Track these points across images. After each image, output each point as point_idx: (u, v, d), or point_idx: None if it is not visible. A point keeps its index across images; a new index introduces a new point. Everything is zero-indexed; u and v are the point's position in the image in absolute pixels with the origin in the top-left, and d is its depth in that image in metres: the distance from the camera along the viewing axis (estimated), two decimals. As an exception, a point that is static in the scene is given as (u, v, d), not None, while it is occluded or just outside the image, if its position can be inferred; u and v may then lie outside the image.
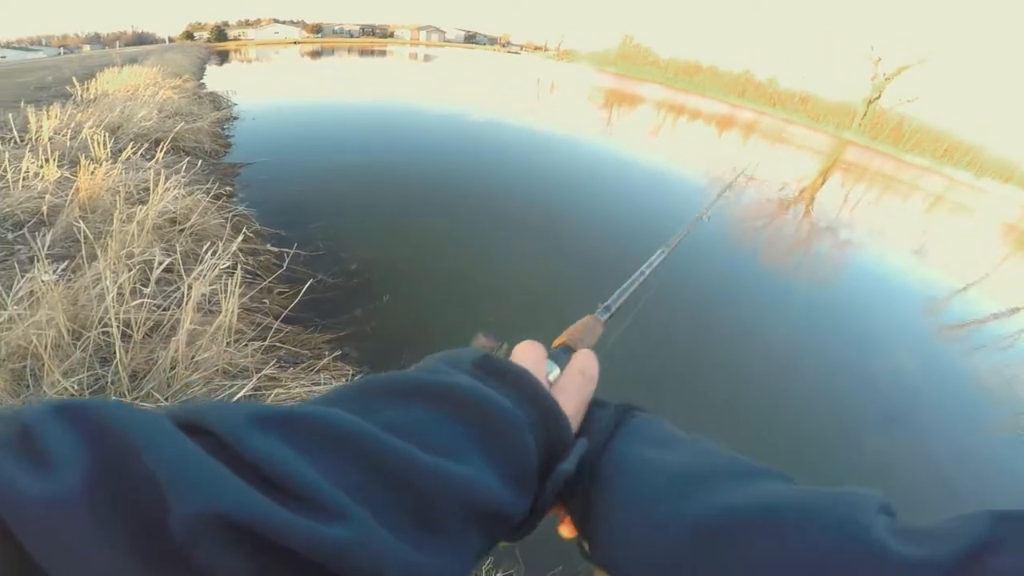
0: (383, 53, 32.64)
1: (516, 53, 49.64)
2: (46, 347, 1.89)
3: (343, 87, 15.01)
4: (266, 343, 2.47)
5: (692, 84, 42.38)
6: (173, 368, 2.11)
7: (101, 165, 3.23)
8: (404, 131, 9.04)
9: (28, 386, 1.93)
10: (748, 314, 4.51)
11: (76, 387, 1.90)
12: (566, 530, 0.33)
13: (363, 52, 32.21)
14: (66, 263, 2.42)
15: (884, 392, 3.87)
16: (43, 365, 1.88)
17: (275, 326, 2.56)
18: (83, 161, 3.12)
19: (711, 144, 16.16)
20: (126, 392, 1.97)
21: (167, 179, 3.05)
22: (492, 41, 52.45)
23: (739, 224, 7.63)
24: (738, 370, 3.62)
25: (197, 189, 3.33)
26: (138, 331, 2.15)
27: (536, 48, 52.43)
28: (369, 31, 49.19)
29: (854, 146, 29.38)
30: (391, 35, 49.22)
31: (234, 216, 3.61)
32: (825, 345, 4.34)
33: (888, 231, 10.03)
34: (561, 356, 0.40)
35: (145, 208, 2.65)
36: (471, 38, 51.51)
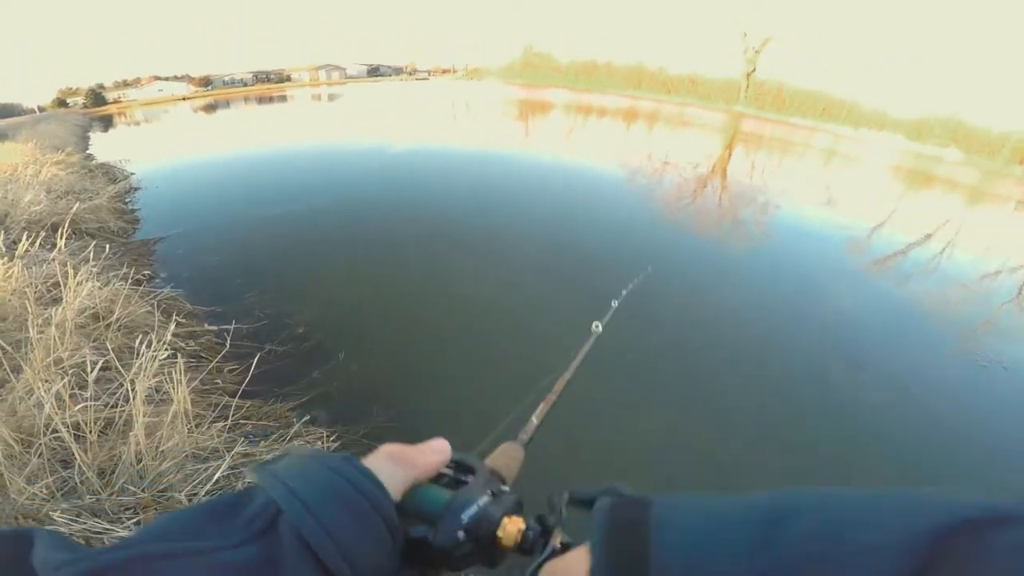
0: (284, 98, 31.60)
1: (425, 79, 49.87)
2: None
3: (248, 138, 14.35)
4: (229, 422, 2.33)
5: (592, 83, 44.78)
6: (140, 461, 2.00)
7: (-8, 269, 2.88)
8: (320, 175, 8.77)
9: None
10: (694, 288, 4.80)
11: (46, 491, 1.81)
12: None
13: (261, 99, 30.98)
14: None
15: (843, 337, 4.21)
16: (3, 476, 1.77)
17: (234, 404, 2.44)
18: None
19: (621, 138, 17.09)
20: (99, 490, 1.88)
21: (76, 270, 2.79)
22: (398, 71, 52.33)
23: (668, 204, 8.15)
24: (697, 341, 3.84)
25: (113, 276, 3.07)
26: (91, 431, 1.99)
27: (444, 71, 53.04)
28: (263, 77, 47.38)
29: (746, 118, 32.35)
30: (288, 79, 47.71)
31: (161, 300, 3.37)
32: (774, 302, 4.71)
33: (795, 188, 11.14)
34: (478, 488, 0.36)
35: (61, 308, 2.40)
36: (375, 71, 51.07)
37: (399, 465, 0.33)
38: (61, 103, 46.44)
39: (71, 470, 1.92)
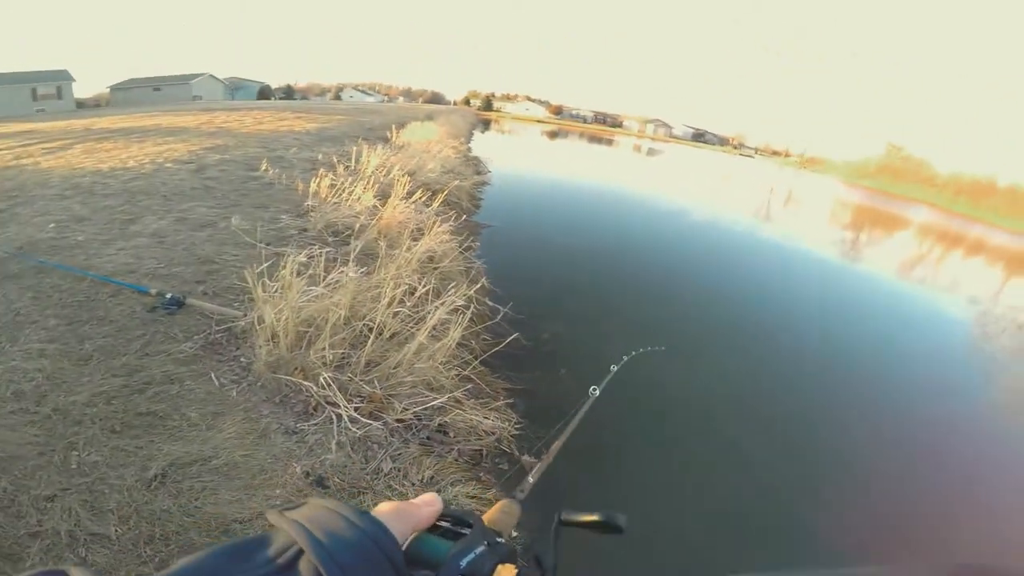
0: (610, 142, 35.49)
1: (750, 156, 47.41)
2: (329, 323, 2.60)
3: (573, 169, 16.80)
4: (464, 373, 2.87)
5: (979, 209, 33.54)
6: (396, 367, 2.65)
7: (399, 202, 4.35)
8: (622, 221, 9.68)
9: (301, 347, 2.66)
10: None
11: (331, 357, 2.52)
12: None
13: (592, 138, 35.59)
14: (363, 269, 3.29)
15: None
16: (320, 335, 2.57)
17: (474, 363, 2.98)
18: (390, 197, 4.27)
19: (998, 292, 12.41)
20: (358, 373, 2.54)
21: (438, 225, 3.92)
22: (723, 141, 51.50)
23: None
24: None
25: (454, 238, 4.16)
26: (387, 333, 2.78)
27: (775, 153, 49.44)
28: (601, 118, 53.95)
29: None
30: (620, 124, 52.91)
31: (473, 267, 4.37)
32: None
33: None
34: (476, 540, 0.40)
35: (419, 244, 3.44)
36: (699, 136, 51.65)
37: (400, 519, 0.37)
38: (467, 102, 64.11)
39: (355, 351, 2.62)
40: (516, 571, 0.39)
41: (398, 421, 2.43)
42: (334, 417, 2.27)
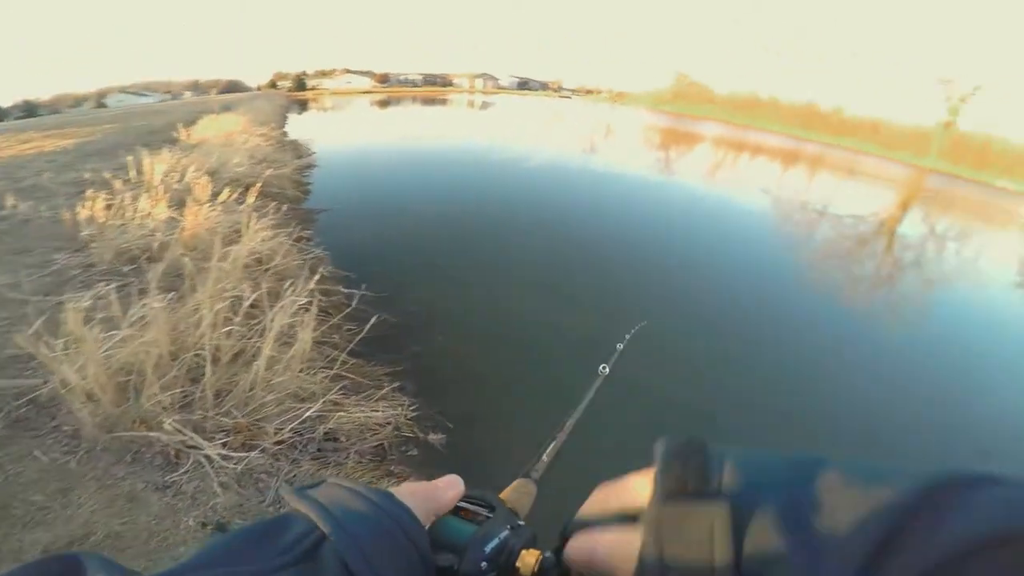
0: (444, 102, 34.94)
1: (568, 98, 51.07)
2: (150, 365, 2.17)
3: (409, 135, 16.13)
4: (333, 372, 2.65)
5: (752, 119, 41.39)
6: (251, 389, 2.35)
7: (202, 207, 3.69)
8: (465, 178, 9.54)
9: (129, 398, 2.24)
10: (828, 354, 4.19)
11: (170, 400, 2.19)
12: None
13: (426, 101, 34.64)
14: (172, 294, 2.76)
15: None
16: (144, 380, 2.18)
17: (341, 358, 2.76)
18: (189, 204, 3.59)
19: (777, 180, 15.60)
20: (210, 408, 2.24)
21: (256, 222, 3.43)
22: (544, 87, 54.49)
23: (815, 259, 7.24)
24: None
25: (280, 232, 3.69)
26: (225, 356, 2.41)
27: (588, 92, 53.86)
28: (431, 80, 52.74)
29: (935, 174, 27.16)
30: (451, 84, 52.42)
31: (311, 258, 3.96)
32: (923, 401, 3.85)
33: (986, 266, 9.02)
34: (497, 523, 0.39)
35: (237, 248, 2.98)
36: (524, 84, 53.81)
37: (423, 500, 0.35)
38: (273, 85, 56.70)
39: (196, 386, 2.30)
40: (540, 556, 0.37)
41: (277, 444, 2.22)
42: (203, 460, 2.02)
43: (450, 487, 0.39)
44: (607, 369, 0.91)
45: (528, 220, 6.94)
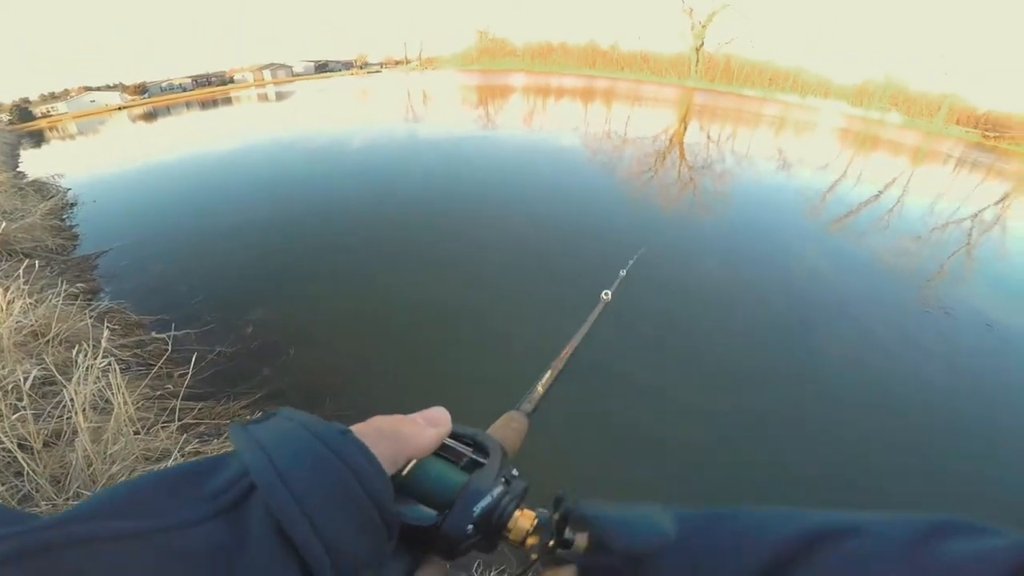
0: (228, 101, 30.35)
1: (377, 72, 48.45)
2: None
3: (190, 145, 13.75)
4: (179, 424, 2.38)
5: (550, 65, 44.66)
6: (91, 466, 2.03)
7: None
8: (275, 177, 8.51)
9: None
10: (668, 260, 4.98)
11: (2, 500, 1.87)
12: None
13: (205, 104, 29.69)
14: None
15: (815, 296, 4.55)
16: None
17: (180, 406, 2.49)
18: None
19: (583, 117, 17.23)
20: (54, 495, 1.94)
21: (7, 290, 2.73)
22: (347, 66, 50.57)
23: (631, 179, 8.37)
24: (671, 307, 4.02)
25: (50, 293, 3.01)
26: (35, 441, 2.01)
27: (397, 62, 51.72)
28: (204, 81, 45.12)
29: (699, 91, 32.98)
30: (231, 81, 45.58)
31: (103, 312, 3.33)
32: (743, 270, 4.96)
33: (752, 156, 11.57)
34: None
35: (-7, 328, 2.37)
36: (323, 67, 49.25)
37: (391, 441, 0.29)
38: (-19, 122, 42.93)
39: (23, 479, 1.95)
40: (535, 519, 0.33)
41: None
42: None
43: (433, 423, 0.32)
44: (609, 295, 0.87)
45: (358, 206, 6.62)
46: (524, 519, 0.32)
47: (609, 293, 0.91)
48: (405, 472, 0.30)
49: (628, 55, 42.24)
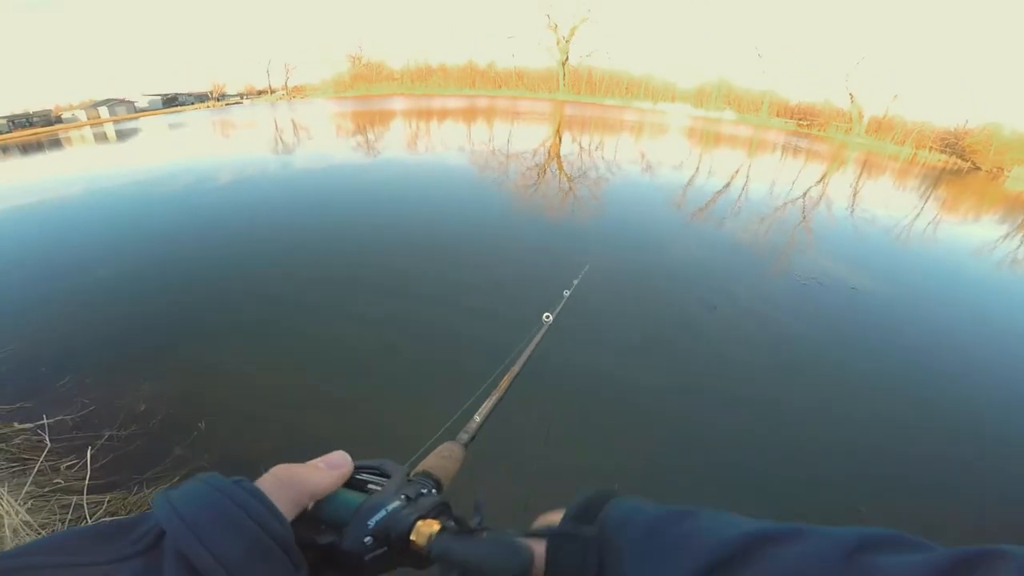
0: (58, 143, 25.93)
1: (238, 103, 44.54)
2: None
3: (16, 197, 11.45)
4: (95, 518, 2.13)
5: (430, 86, 45.08)
6: None
7: None
8: (126, 226, 7.36)
9: None
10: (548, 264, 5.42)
11: None
12: None
13: (27, 148, 25.05)
14: None
15: (691, 277, 5.34)
16: None
17: (83, 501, 2.25)
18: None
19: (466, 136, 17.72)
20: None
21: None
22: (202, 98, 45.67)
23: (519, 191, 8.86)
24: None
25: None
26: None
27: (260, 92, 48.12)
28: (23, 122, 37.99)
29: (568, 103, 35.85)
30: (58, 120, 38.92)
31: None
32: (623, 261, 5.60)
33: (620, 160, 12.97)
34: (416, 487, 0.39)
35: None
36: (172, 101, 43.97)
37: (285, 485, 0.34)
38: None
39: None
40: (439, 527, 0.35)
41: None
42: None
43: (332, 466, 0.37)
44: (551, 318, 0.84)
45: (206, 249, 6.00)
46: (426, 527, 0.35)
47: (551, 315, 0.91)
48: (311, 507, 0.35)
49: (504, 73, 44.38)
